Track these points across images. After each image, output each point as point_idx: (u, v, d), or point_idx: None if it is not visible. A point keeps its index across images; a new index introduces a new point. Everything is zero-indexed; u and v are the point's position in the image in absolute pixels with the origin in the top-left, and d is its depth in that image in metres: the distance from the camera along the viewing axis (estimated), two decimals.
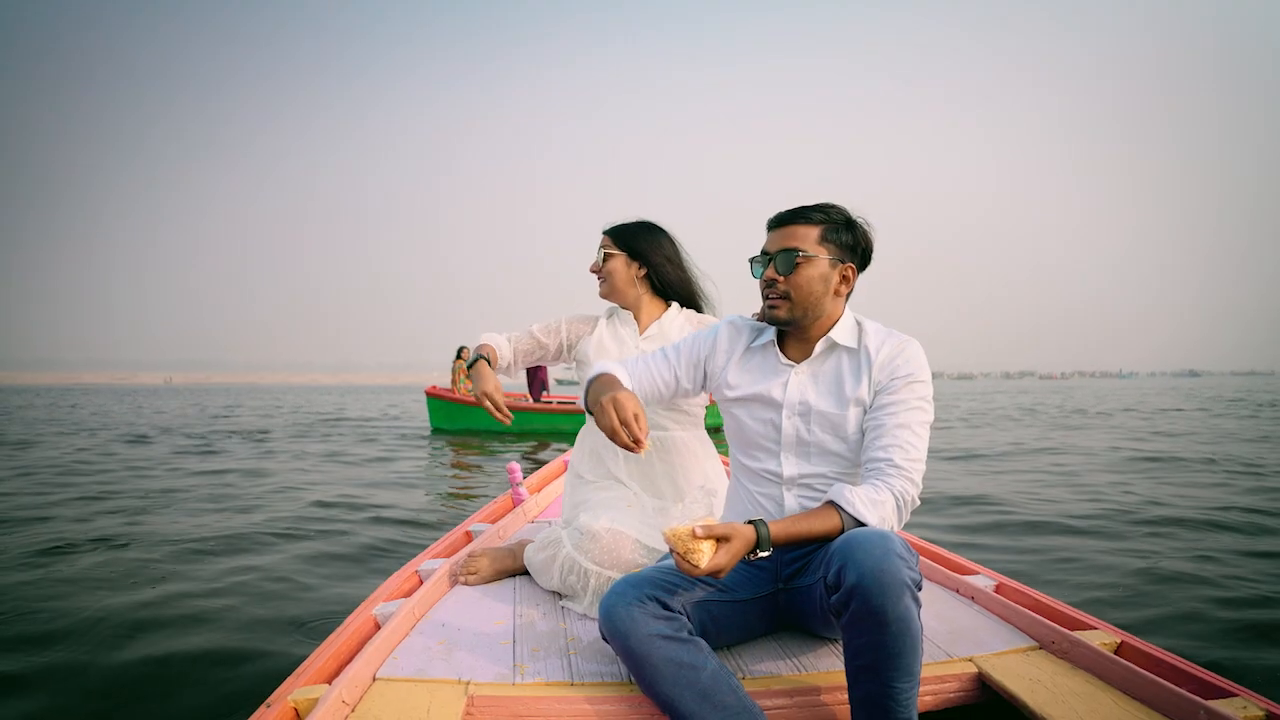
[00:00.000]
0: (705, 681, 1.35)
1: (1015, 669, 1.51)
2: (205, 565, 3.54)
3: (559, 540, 1.95)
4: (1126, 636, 1.60)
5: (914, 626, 1.27)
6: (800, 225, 1.57)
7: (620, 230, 2.17)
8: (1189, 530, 4.17)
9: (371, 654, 1.52)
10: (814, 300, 1.57)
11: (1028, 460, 7.94)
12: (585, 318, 2.26)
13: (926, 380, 1.56)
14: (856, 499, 1.45)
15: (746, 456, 1.70)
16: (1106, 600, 2.89)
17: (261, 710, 1.34)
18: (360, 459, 8.73)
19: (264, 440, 11.42)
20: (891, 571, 1.25)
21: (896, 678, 1.28)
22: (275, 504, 5.36)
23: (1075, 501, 5.15)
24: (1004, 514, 4.70)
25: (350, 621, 1.73)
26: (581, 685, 1.46)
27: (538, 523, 2.75)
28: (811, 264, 1.56)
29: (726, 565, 1.34)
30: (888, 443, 1.51)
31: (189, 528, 4.43)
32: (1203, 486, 5.79)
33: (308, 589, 3.10)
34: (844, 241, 1.58)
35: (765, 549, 1.39)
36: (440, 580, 2.00)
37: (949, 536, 4.10)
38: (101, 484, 6.42)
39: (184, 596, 2.98)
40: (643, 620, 1.39)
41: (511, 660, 1.57)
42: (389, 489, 6.16)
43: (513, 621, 1.80)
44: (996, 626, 1.72)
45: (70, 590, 3.10)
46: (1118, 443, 9.74)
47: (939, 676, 1.49)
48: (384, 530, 4.36)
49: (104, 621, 2.67)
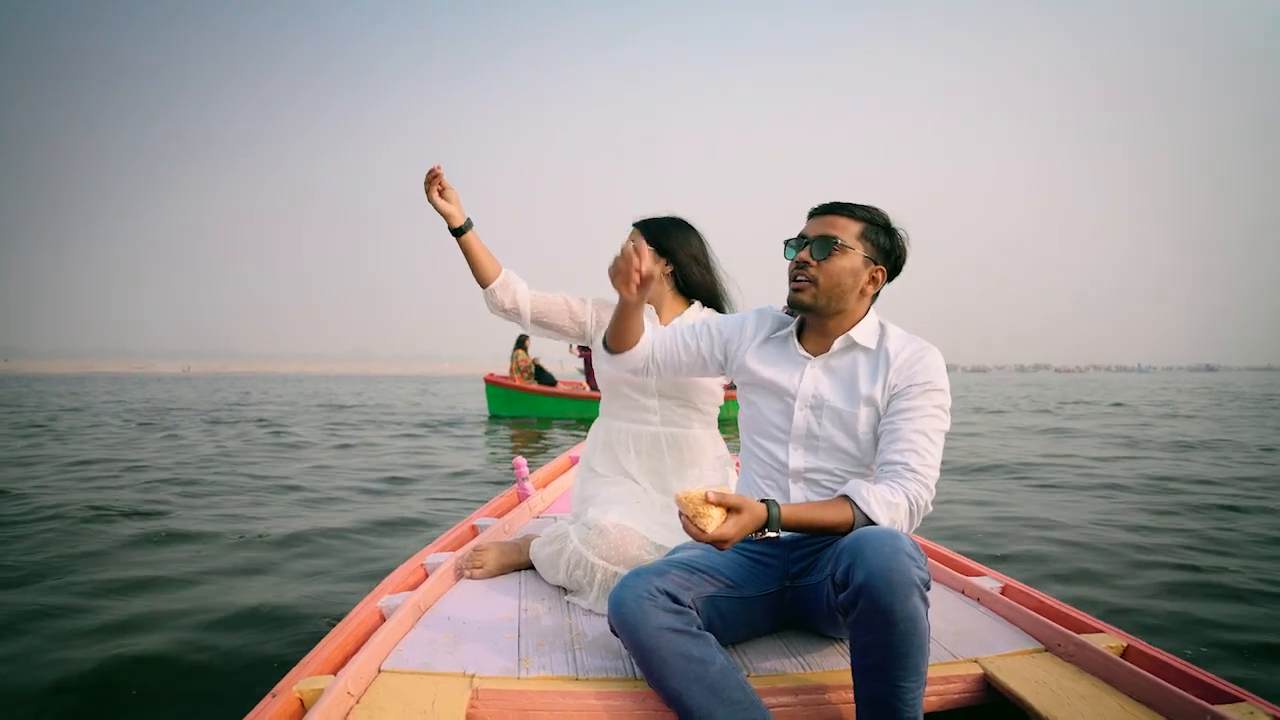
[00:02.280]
0: (714, 676, 1.35)
1: (1021, 671, 1.50)
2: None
3: (565, 535, 1.95)
4: (1133, 640, 1.60)
5: (921, 626, 1.27)
6: (843, 217, 1.59)
7: (649, 224, 2.13)
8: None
9: (377, 646, 1.52)
10: (840, 292, 1.58)
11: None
12: (612, 305, 2.21)
13: (944, 389, 1.57)
14: (872, 497, 1.46)
15: (756, 445, 1.71)
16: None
17: (266, 701, 1.34)
18: (449, 445, 9.16)
19: (353, 429, 11.87)
20: (900, 570, 1.25)
21: (903, 677, 1.28)
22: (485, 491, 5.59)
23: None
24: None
25: (355, 614, 1.74)
26: (587, 679, 1.47)
27: (543, 518, 2.75)
28: (847, 255, 1.57)
29: (733, 536, 1.35)
30: (904, 447, 1.51)
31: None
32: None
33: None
34: (881, 244, 1.60)
35: (775, 529, 1.40)
36: (445, 574, 2.01)
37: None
38: (325, 475, 6.55)
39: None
40: (653, 613, 1.39)
41: (516, 654, 1.57)
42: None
43: (518, 615, 1.80)
44: (1002, 628, 1.72)
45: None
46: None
47: (944, 677, 1.49)
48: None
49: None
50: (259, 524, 4.33)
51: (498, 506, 2.76)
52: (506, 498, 2.86)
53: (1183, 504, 5.11)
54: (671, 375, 1.83)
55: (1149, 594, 3.05)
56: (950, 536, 4.01)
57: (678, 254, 2.10)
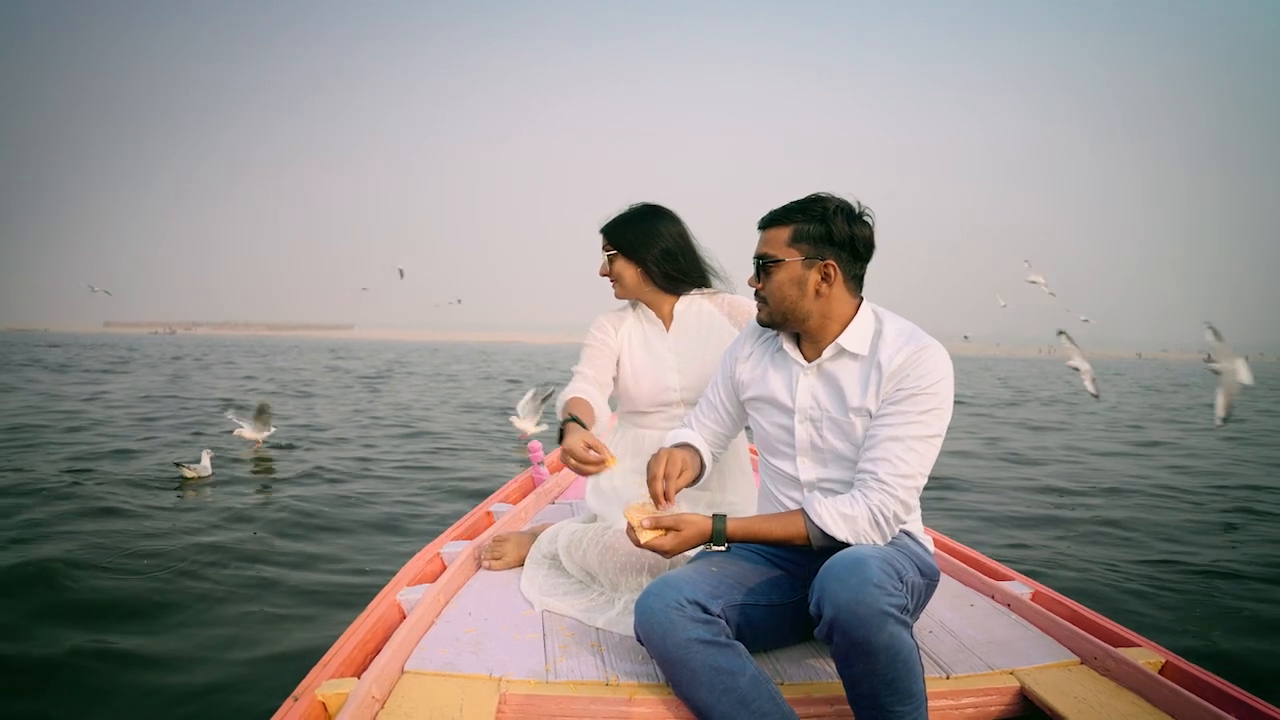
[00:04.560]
0: (744, 687, 1.32)
1: (1059, 685, 1.47)
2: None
3: (558, 553, 1.94)
4: (1170, 656, 1.56)
5: (904, 652, 1.24)
6: (773, 229, 1.53)
7: (612, 227, 1.99)
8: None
9: (399, 645, 1.49)
10: (789, 304, 1.52)
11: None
12: (615, 315, 2.10)
13: (937, 393, 1.45)
14: (825, 510, 1.43)
15: (767, 460, 1.67)
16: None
17: (289, 704, 1.30)
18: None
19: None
20: (868, 603, 1.21)
21: (896, 702, 1.26)
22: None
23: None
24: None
25: (374, 608, 1.70)
26: (617, 685, 1.43)
27: (559, 504, 2.71)
28: (782, 268, 1.51)
29: (671, 550, 1.44)
30: (875, 455, 1.44)
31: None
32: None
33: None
34: (818, 236, 1.49)
35: (720, 543, 1.46)
36: (464, 565, 1.97)
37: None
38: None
39: None
40: (681, 624, 1.35)
41: (543, 655, 1.54)
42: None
43: (540, 611, 1.76)
44: (1037, 638, 1.68)
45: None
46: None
47: (981, 689, 1.46)
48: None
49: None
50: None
51: (513, 491, 2.72)
52: (521, 482, 2.82)
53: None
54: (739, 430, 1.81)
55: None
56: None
57: (645, 255, 1.96)
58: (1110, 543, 4.06)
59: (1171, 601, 3.04)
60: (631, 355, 2.03)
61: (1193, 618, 2.90)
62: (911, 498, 1.45)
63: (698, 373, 1.98)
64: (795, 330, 1.58)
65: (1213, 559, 3.68)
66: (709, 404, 1.75)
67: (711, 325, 2.03)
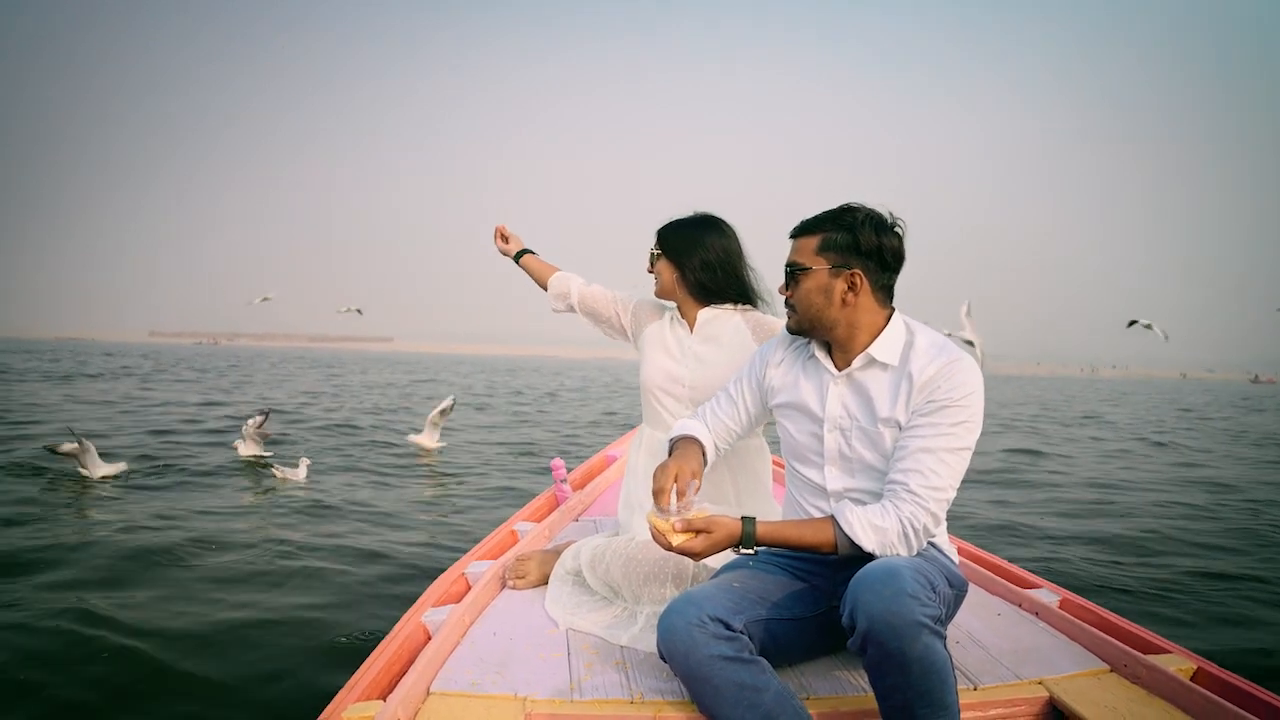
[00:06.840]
0: (768, 704, 1.32)
1: (1088, 694, 1.45)
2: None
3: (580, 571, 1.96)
4: (1202, 662, 1.54)
5: (937, 663, 1.24)
6: (802, 238, 1.56)
7: (665, 229, 2.09)
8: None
9: (424, 666, 1.50)
10: (816, 312, 1.54)
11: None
12: (656, 306, 2.20)
13: (968, 405, 1.45)
14: (855, 520, 1.42)
15: (794, 467, 1.67)
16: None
17: None
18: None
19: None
20: (902, 614, 1.21)
21: (929, 715, 1.26)
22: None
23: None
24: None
25: (399, 629, 1.72)
26: (643, 703, 1.43)
27: (582, 521, 2.72)
28: (809, 276, 1.53)
29: (702, 552, 1.40)
30: (907, 466, 1.44)
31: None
32: None
33: None
34: (843, 246, 1.51)
35: (749, 545, 1.43)
36: (489, 585, 1.98)
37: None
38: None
39: None
40: (704, 641, 1.35)
41: (568, 674, 1.54)
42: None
43: (564, 630, 1.77)
44: (1065, 646, 1.66)
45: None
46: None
47: (1009, 700, 1.45)
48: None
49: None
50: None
51: (536, 510, 2.74)
52: (545, 500, 2.83)
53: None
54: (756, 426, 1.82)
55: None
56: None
57: (685, 261, 2.04)
58: (1136, 551, 3.99)
59: (1202, 608, 2.99)
60: (661, 342, 2.13)
61: (1224, 623, 2.84)
62: (941, 510, 1.44)
63: (706, 377, 2.02)
64: (824, 338, 1.59)
65: (1244, 565, 3.61)
66: (728, 398, 1.76)
67: (734, 338, 2.05)
